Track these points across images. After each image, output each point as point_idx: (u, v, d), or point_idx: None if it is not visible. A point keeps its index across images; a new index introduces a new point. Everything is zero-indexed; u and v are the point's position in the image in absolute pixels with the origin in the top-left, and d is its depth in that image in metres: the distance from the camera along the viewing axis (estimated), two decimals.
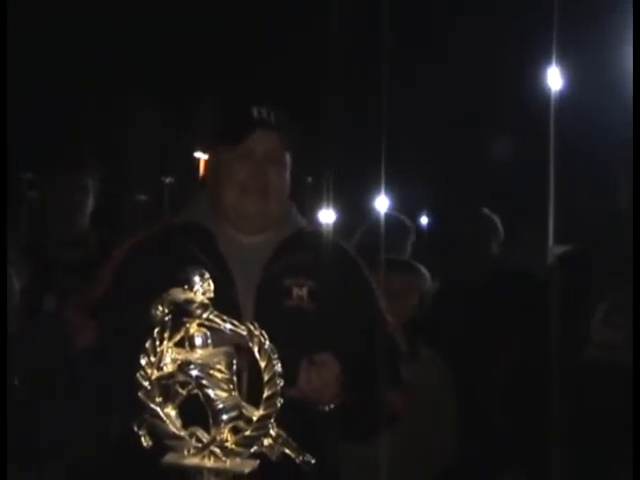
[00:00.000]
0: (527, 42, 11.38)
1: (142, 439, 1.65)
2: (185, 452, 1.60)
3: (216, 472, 1.58)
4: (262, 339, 1.53)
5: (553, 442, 3.11)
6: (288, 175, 2.42)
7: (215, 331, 1.59)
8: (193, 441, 1.60)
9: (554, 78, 9.84)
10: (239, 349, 1.60)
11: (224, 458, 1.58)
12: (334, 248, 2.52)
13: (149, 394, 1.59)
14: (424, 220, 18.45)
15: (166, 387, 1.60)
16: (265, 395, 1.54)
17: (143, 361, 1.57)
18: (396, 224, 5.03)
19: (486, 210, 5.14)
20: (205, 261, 2.24)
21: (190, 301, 1.54)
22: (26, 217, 4.08)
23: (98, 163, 4.29)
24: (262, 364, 1.53)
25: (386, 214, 5.47)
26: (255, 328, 1.54)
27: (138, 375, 1.58)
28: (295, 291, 2.37)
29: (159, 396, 1.59)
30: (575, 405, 3.06)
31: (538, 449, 3.19)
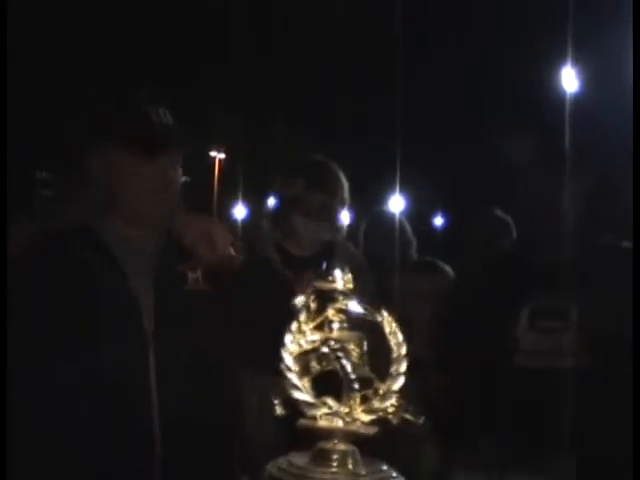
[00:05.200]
0: (542, 43, 11.54)
1: (277, 407, 1.95)
2: (318, 417, 1.90)
3: (344, 434, 1.88)
4: (393, 324, 1.84)
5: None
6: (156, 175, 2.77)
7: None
8: (325, 409, 1.90)
9: (569, 79, 9.90)
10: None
11: (352, 422, 1.88)
12: (220, 228, 2.81)
13: (289, 367, 1.89)
14: (438, 221, 18.77)
15: (304, 361, 1.90)
16: (392, 371, 1.85)
17: (287, 339, 1.88)
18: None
19: (499, 211, 5.31)
20: (96, 264, 2.57)
21: (333, 290, 1.85)
22: (41, 215, 4.21)
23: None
24: (392, 344, 1.84)
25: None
26: (388, 314, 1.85)
27: (281, 350, 1.89)
28: (190, 275, 2.65)
29: (298, 369, 1.90)
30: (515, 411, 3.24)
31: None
